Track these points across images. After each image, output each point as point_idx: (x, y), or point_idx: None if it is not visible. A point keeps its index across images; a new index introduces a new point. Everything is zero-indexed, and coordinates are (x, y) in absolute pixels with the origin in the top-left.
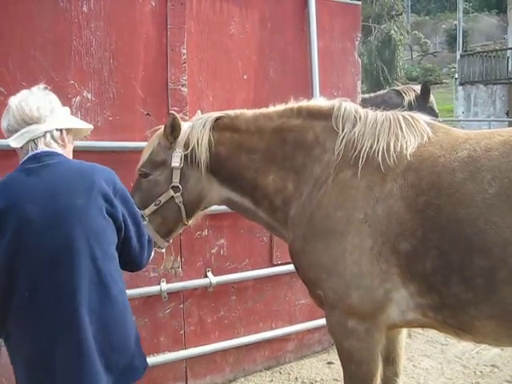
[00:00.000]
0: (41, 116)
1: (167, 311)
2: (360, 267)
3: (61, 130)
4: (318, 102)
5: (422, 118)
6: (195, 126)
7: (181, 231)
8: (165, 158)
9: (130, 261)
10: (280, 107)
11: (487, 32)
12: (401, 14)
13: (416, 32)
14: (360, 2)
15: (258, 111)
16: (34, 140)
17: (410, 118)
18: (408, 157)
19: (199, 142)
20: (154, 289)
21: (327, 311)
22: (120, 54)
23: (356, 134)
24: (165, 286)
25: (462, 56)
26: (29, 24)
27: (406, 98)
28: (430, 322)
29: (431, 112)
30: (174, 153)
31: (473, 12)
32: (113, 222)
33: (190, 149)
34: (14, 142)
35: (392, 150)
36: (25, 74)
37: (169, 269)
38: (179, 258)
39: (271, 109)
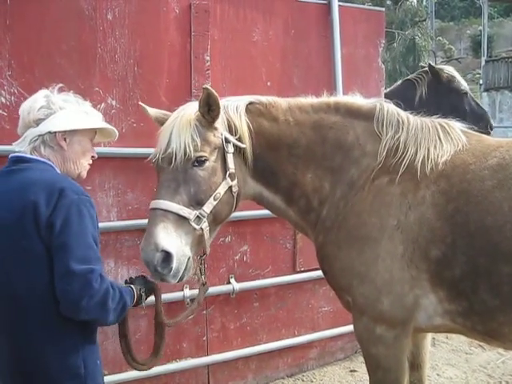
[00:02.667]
0: (35, 119)
1: (190, 317)
2: (391, 274)
3: (55, 133)
4: (355, 99)
5: (457, 125)
6: (227, 108)
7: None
8: (217, 140)
9: (58, 292)
10: (312, 100)
11: None
12: (424, 20)
13: (440, 38)
14: (383, 9)
15: (290, 101)
16: (30, 144)
17: (446, 126)
18: (441, 164)
19: (242, 128)
20: (177, 295)
21: (355, 317)
22: (144, 62)
23: (400, 141)
24: (188, 292)
25: (486, 62)
26: (55, 32)
27: (418, 91)
28: (458, 328)
29: (453, 91)
30: (224, 134)
31: (498, 17)
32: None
33: (238, 134)
34: (18, 145)
35: (430, 157)
36: (51, 81)
37: (192, 275)
38: (202, 264)
39: (303, 100)
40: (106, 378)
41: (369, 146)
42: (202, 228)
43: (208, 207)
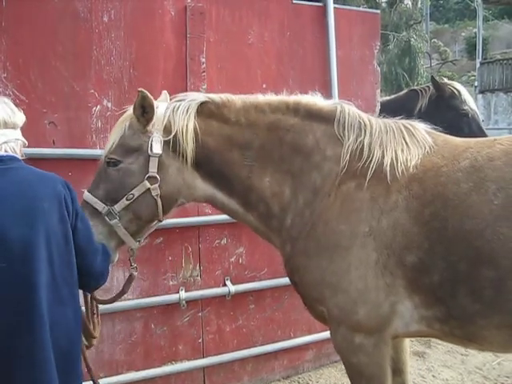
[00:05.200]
0: (16, 122)
1: (186, 320)
2: (365, 282)
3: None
4: (316, 100)
5: (421, 126)
6: (176, 109)
7: (153, 230)
8: (140, 143)
9: (84, 268)
10: (272, 98)
11: (507, 40)
12: (420, 23)
13: (435, 40)
14: (379, 11)
15: (247, 99)
16: (6, 143)
17: (410, 128)
18: (411, 168)
19: (183, 129)
20: (173, 297)
21: (332, 328)
22: (140, 64)
23: (363, 144)
24: (183, 294)
25: (481, 64)
26: (50, 34)
27: (419, 103)
28: (435, 333)
29: (452, 109)
30: (152, 137)
31: (492, 19)
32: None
33: (173, 135)
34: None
35: (399, 161)
36: (46, 83)
37: (188, 277)
38: (198, 266)
39: (262, 98)
40: (102, 381)
41: (329, 149)
42: (112, 223)
43: (120, 206)
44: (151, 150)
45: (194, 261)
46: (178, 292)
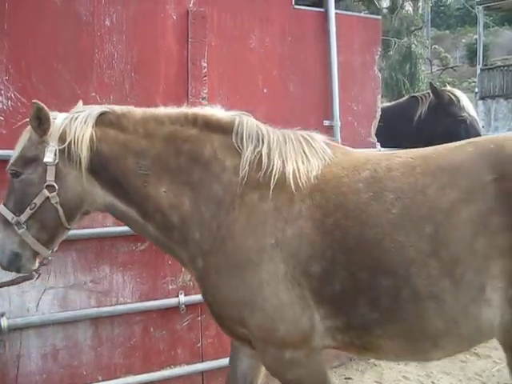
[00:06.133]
0: None
1: (185, 324)
2: (279, 297)
3: None
4: (215, 111)
5: (320, 137)
6: (74, 119)
7: (64, 237)
8: (36, 153)
9: None
10: (172, 110)
11: (508, 46)
12: (420, 29)
13: (436, 46)
14: (380, 17)
15: (148, 111)
16: None
17: (309, 139)
18: (312, 178)
19: (78, 138)
20: (172, 301)
21: (259, 349)
22: (141, 67)
23: (262, 154)
24: (183, 298)
25: (482, 70)
26: (52, 37)
27: (419, 110)
28: (336, 345)
29: (450, 116)
30: (47, 147)
31: (493, 26)
32: None
33: (67, 143)
34: None
35: (301, 171)
36: (48, 86)
37: (187, 281)
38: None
39: (162, 111)
40: None
41: (228, 160)
42: (20, 233)
43: (25, 215)
44: (44, 159)
45: None
46: (178, 296)
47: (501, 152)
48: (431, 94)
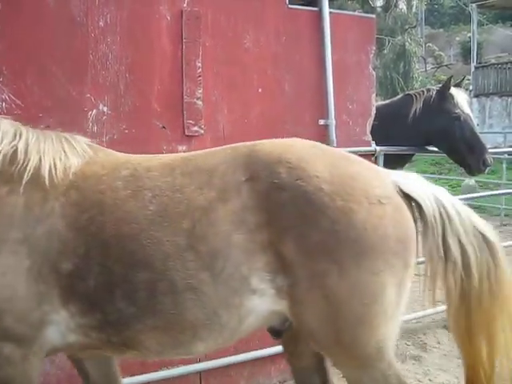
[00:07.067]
0: None
1: None
2: (14, 290)
3: None
4: None
5: (82, 139)
6: None
7: None
8: None
9: None
10: None
11: (502, 44)
12: (414, 27)
13: (430, 44)
14: (374, 15)
15: None
16: None
17: (70, 139)
18: (71, 175)
19: None
20: None
21: None
22: (136, 68)
23: (17, 148)
24: None
25: (476, 68)
26: (46, 39)
27: (413, 108)
28: (92, 343)
29: (444, 113)
30: None
31: (487, 24)
32: None
33: None
34: None
35: (58, 168)
36: (42, 87)
37: None
38: None
39: None
40: None
41: None
42: None
43: None
44: None
45: None
46: None
47: (253, 155)
48: (440, 90)
